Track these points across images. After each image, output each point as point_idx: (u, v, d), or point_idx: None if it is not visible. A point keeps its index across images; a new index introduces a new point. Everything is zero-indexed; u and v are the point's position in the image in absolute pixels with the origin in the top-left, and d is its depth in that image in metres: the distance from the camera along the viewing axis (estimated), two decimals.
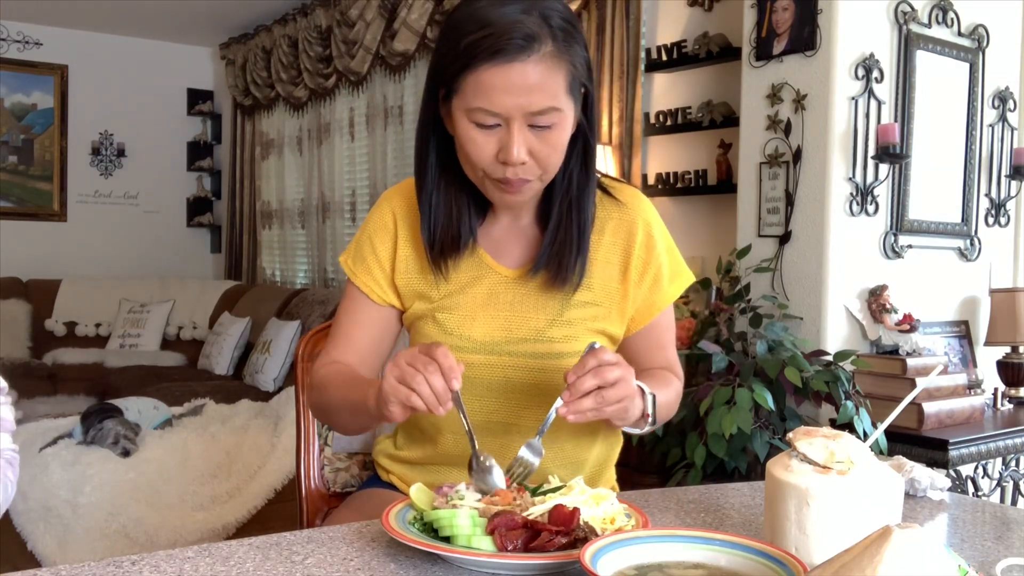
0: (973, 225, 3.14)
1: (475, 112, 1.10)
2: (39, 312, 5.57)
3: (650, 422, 1.14)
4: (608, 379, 1.03)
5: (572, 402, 1.03)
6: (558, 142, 1.13)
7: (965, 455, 2.49)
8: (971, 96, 3.07)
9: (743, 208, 2.93)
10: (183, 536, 2.89)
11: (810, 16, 2.69)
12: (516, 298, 1.24)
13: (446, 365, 1.00)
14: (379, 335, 1.30)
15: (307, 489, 1.49)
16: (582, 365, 1.04)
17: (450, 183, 1.22)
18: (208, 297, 5.76)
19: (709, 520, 1.12)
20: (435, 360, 1.00)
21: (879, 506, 0.86)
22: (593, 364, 1.04)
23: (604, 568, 0.80)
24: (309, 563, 0.91)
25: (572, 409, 1.03)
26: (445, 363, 1.00)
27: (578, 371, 1.04)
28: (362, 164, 5.21)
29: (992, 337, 3.04)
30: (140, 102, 6.35)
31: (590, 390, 1.03)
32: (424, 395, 0.99)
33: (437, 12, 4.35)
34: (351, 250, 1.32)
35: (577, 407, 1.03)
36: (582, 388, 1.03)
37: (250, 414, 3.54)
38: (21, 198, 6.01)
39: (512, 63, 1.07)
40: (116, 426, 3.14)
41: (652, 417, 1.13)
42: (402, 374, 1.01)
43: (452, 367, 1.00)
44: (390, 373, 1.02)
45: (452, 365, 1.00)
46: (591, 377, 1.03)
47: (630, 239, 1.27)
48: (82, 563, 0.88)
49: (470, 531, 0.90)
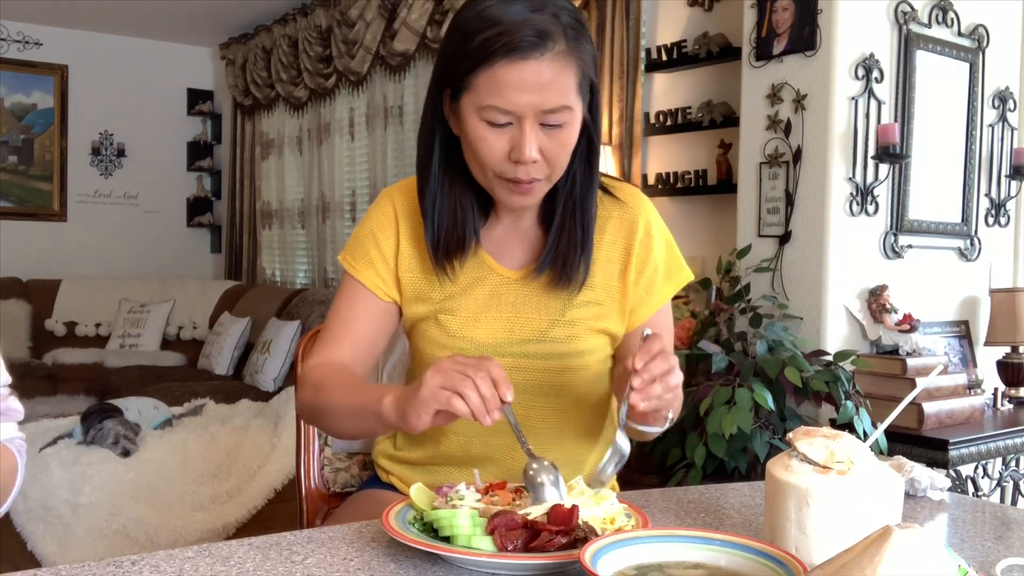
0: (973, 225, 3.14)
1: (487, 110, 1.09)
2: (39, 312, 5.57)
3: (670, 419, 1.11)
4: (672, 363, 1.02)
5: (644, 388, 0.99)
6: (568, 140, 1.13)
7: (965, 455, 2.49)
8: (971, 96, 3.07)
9: (743, 208, 2.93)
10: (183, 536, 2.89)
11: (810, 16, 2.69)
12: (518, 299, 1.24)
13: (498, 375, 0.97)
14: (377, 330, 1.28)
15: (307, 489, 1.49)
16: (647, 351, 1.01)
17: (454, 184, 1.21)
18: (208, 297, 5.76)
19: (709, 520, 1.11)
20: (486, 369, 0.97)
21: (879, 506, 0.86)
22: (658, 348, 1.01)
23: (604, 568, 0.80)
24: (309, 563, 0.91)
25: (645, 395, 0.99)
26: (497, 373, 0.97)
27: (644, 356, 1.01)
28: (362, 164, 5.21)
29: (992, 337, 3.04)
30: (140, 102, 6.35)
31: (660, 374, 1.00)
32: (472, 401, 0.96)
33: (437, 12, 4.35)
34: (351, 246, 1.30)
35: (649, 392, 1.00)
36: (654, 372, 1.00)
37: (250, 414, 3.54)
38: (21, 198, 6.01)
39: (527, 60, 1.07)
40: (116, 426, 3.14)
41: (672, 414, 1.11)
42: (448, 380, 0.96)
43: (504, 378, 0.97)
44: (432, 378, 0.98)
45: (504, 376, 0.97)
46: (660, 361, 1.00)
47: (630, 237, 1.27)
48: (82, 563, 0.88)
49: (470, 531, 0.90)
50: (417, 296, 1.26)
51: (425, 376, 0.99)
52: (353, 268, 1.28)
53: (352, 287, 1.28)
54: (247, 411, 3.59)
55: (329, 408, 1.19)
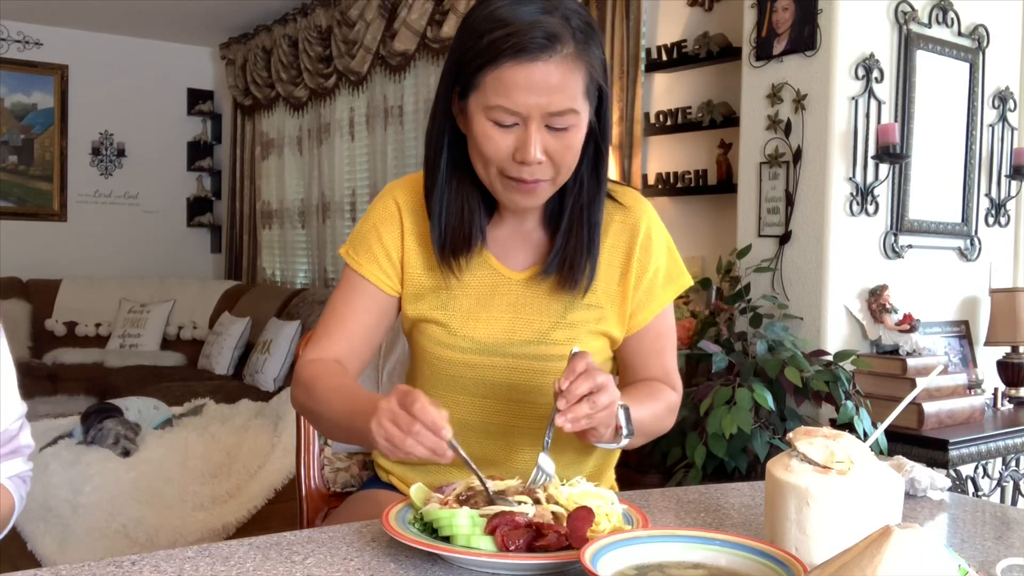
0: (973, 225, 3.14)
1: (494, 110, 1.09)
2: (39, 312, 5.57)
3: (625, 434, 1.10)
4: (598, 382, 1.01)
5: (569, 409, 1.00)
6: (573, 143, 1.13)
7: (965, 455, 2.49)
8: (971, 96, 3.07)
9: (743, 208, 2.93)
10: (183, 536, 2.89)
11: (810, 16, 2.69)
12: (520, 300, 1.24)
13: (429, 421, 0.95)
14: (375, 324, 1.28)
15: (307, 489, 1.49)
16: (571, 371, 1.01)
17: (461, 182, 1.21)
18: (208, 297, 5.76)
19: (709, 520, 1.11)
20: (416, 419, 0.95)
21: (879, 506, 0.86)
22: (582, 367, 1.02)
23: (604, 568, 0.80)
24: (309, 563, 0.91)
25: (570, 416, 1.00)
26: (426, 419, 0.95)
27: (569, 376, 1.01)
28: (362, 164, 5.21)
29: (992, 337, 3.04)
30: (140, 102, 6.35)
31: (585, 394, 1.00)
32: (420, 455, 0.96)
33: (437, 12, 4.35)
34: (353, 240, 1.29)
35: (575, 414, 1.00)
36: (576, 392, 1.00)
37: (250, 414, 3.54)
38: (21, 198, 6.01)
39: (535, 62, 1.07)
40: (116, 426, 3.14)
41: (627, 429, 1.10)
42: (388, 435, 0.97)
43: (434, 421, 0.95)
44: (377, 433, 0.98)
45: (434, 419, 0.95)
46: (584, 380, 1.00)
47: (631, 242, 1.27)
48: (82, 563, 0.88)
49: (469, 531, 0.90)
50: (419, 294, 1.26)
51: (371, 429, 0.99)
52: (355, 262, 1.27)
53: (353, 280, 1.27)
54: (247, 411, 3.59)
55: (322, 417, 1.20)
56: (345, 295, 1.28)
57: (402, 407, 0.97)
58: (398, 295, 1.28)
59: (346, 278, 1.29)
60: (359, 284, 1.27)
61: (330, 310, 1.28)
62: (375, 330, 1.28)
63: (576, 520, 0.90)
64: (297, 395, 1.24)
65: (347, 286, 1.28)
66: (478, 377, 1.23)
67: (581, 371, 1.01)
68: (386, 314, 1.29)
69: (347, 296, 1.27)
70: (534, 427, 1.25)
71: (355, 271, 1.27)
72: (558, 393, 1.01)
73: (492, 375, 1.23)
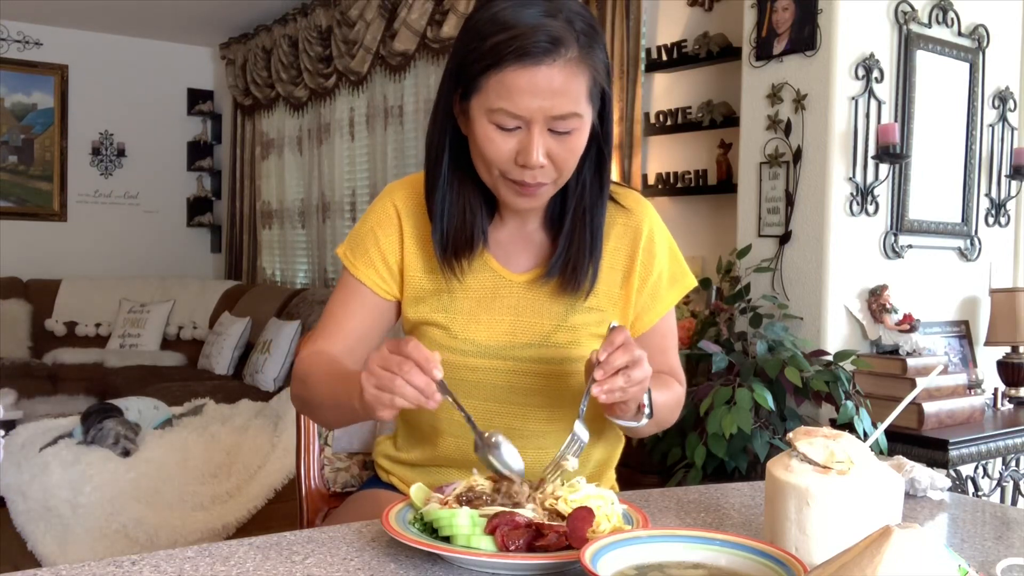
0: (973, 225, 3.14)
1: (496, 113, 1.09)
2: (39, 312, 5.57)
3: (647, 414, 1.12)
4: (635, 355, 1.02)
5: (606, 380, 1.01)
6: (576, 147, 1.13)
7: (965, 455, 2.49)
8: (971, 96, 3.07)
9: (743, 208, 2.93)
10: (183, 536, 2.89)
11: (810, 16, 2.69)
12: (521, 303, 1.24)
13: (420, 358, 0.96)
14: (371, 327, 1.28)
15: (307, 489, 1.49)
16: (610, 342, 1.02)
17: (463, 184, 1.21)
18: (208, 297, 5.77)
19: (709, 520, 1.11)
20: (408, 356, 0.96)
21: (879, 506, 0.86)
22: (620, 340, 1.02)
23: (604, 568, 0.80)
24: (309, 563, 0.91)
25: (606, 387, 1.01)
26: (419, 356, 0.96)
27: (607, 348, 1.02)
28: (362, 164, 5.21)
29: (992, 337, 3.04)
30: (140, 102, 6.35)
31: (622, 366, 1.01)
32: (409, 396, 0.96)
33: (437, 12, 4.35)
34: (351, 242, 1.29)
35: (611, 385, 1.01)
36: (614, 364, 1.01)
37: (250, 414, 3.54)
38: (21, 198, 6.01)
39: (539, 66, 1.06)
40: (116, 426, 3.14)
41: (649, 409, 1.11)
42: (379, 380, 0.97)
43: (427, 358, 0.96)
44: (367, 381, 0.98)
45: (427, 356, 0.96)
46: (622, 353, 1.01)
47: (634, 245, 1.27)
48: (82, 563, 0.88)
49: (469, 531, 0.90)
50: (420, 297, 1.26)
51: (361, 377, 0.99)
52: (352, 266, 1.27)
53: (350, 283, 1.28)
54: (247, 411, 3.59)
55: (314, 402, 1.21)
56: (342, 298, 1.28)
57: (393, 350, 0.98)
58: (395, 299, 1.28)
59: (344, 280, 1.29)
60: (356, 288, 1.27)
61: (327, 311, 1.28)
62: (371, 332, 1.28)
63: (576, 520, 0.89)
64: (294, 389, 1.25)
65: (344, 289, 1.28)
66: (479, 380, 1.23)
67: (619, 344, 1.02)
68: (383, 317, 1.29)
69: (344, 299, 1.28)
70: (536, 429, 1.25)
71: (352, 274, 1.27)
72: (595, 363, 1.02)
73: (493, 378, 1.23)
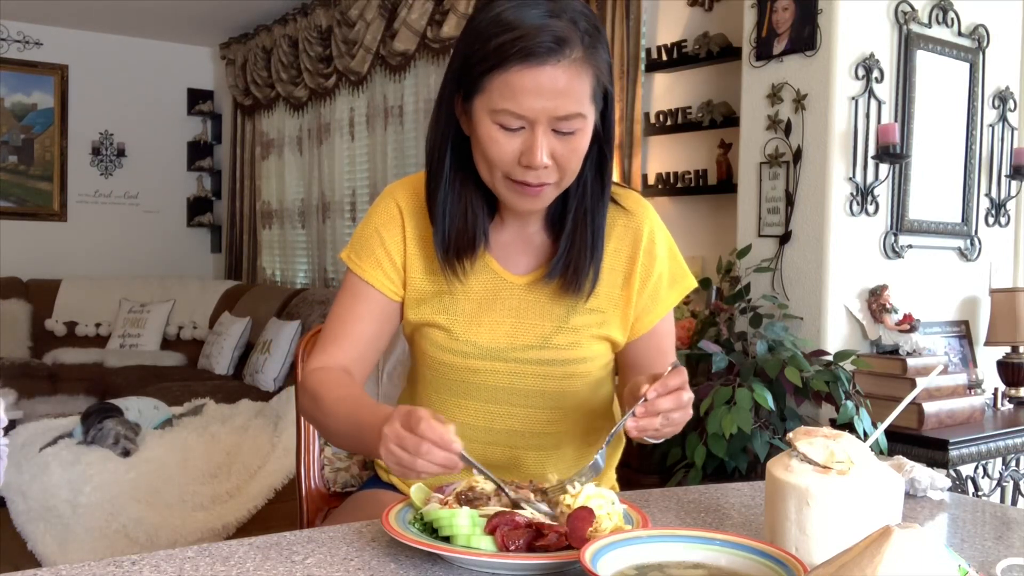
0: (973, 225, 3.14)
1: (500, 114, 1.09)
2: (39, 312, 5.57)
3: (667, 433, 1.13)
4: (683, 402, 1.03)
5: (644, 418, 1.01)
6: (579, 147, 1.13)
7: (965, 455, 2.49)
8: (971, 96, 3.07)
9: (743, 208, 2.93)
10: (183, 536, 2.89)
11: (810, 16, 2.69)
12: (522, 304, 1.24)
13: (436, 438, 0.93)
14: (380, 329, 1.27)
15: (307, 489, 1.49)
16: (664, 385, 1.02)
17: (464, 185, 1.20)
18: (208, 297, 5.77)
19: (709, 520, 1.11)
20: (424, 438, 0.94)
21: (879, 506, 0.86)
22: (675, 384, 1.02)
23: (604, 568, 0.80)
24: (309, 563, 0.91)
25: (641, 426, 1.02)
26: (434, 436, 0.93)
27: (659, 390, 1.01)
28: (362, 164, 5.21)
29: (992, 337, 3.04)
30: (140, 102, 6.35)
31: (664, 412, 1.01)
32: (433, 472, 0.95)
33: (437, 12, 4.35)
34: (355, 244, 1.28)
35: (647, 424, 1.01)
36: (659, 407, 1.01)
37: (250, 414, 3.54)
38: (21, 198, 6.01)
39: (543, 66, 1.06)
40: (116, 426, 3.14)
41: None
42: (399, 459, 0.96)
43: (442, 436, 0.93)
44: (387, 458, 0.97)
45: (441, 434, 0.93)
46: (671, 400, 1.01)
47: (635, 246, 1.26)
48: (82, 563, 0.88)
49: (470, 531, 0.90)
50: (421, 298, 1.25)
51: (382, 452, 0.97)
52: (358, 267, 1.26)
53: (356, 286, 1.26)
54: (247, 411, 3.59)
55: (329, 428, 1.20)
56: (349, 301, 1.26)
57: (406, 428, 0.95)
58: (401, 299, 1.27)
59: (349, 283, 1.27)
60: (363, 290, 1.25)
61: (334, 316, 1.26)
62: (381, 335, 1.27)
63: (576, 520, 0.89)
64: (304, 404, 1.24)
65: (350, 292, 1.26)
66: (480, 382, 1.23)
67: (673, 388, 1.02)
68: (391, 319, 1.27)
69: (351, 302, 1.26)
70: (536, 431, 1.25)
71: (358, 276, 1.26)
72: (640, 397, 1.01)
73: (494, 380, 1.23)
